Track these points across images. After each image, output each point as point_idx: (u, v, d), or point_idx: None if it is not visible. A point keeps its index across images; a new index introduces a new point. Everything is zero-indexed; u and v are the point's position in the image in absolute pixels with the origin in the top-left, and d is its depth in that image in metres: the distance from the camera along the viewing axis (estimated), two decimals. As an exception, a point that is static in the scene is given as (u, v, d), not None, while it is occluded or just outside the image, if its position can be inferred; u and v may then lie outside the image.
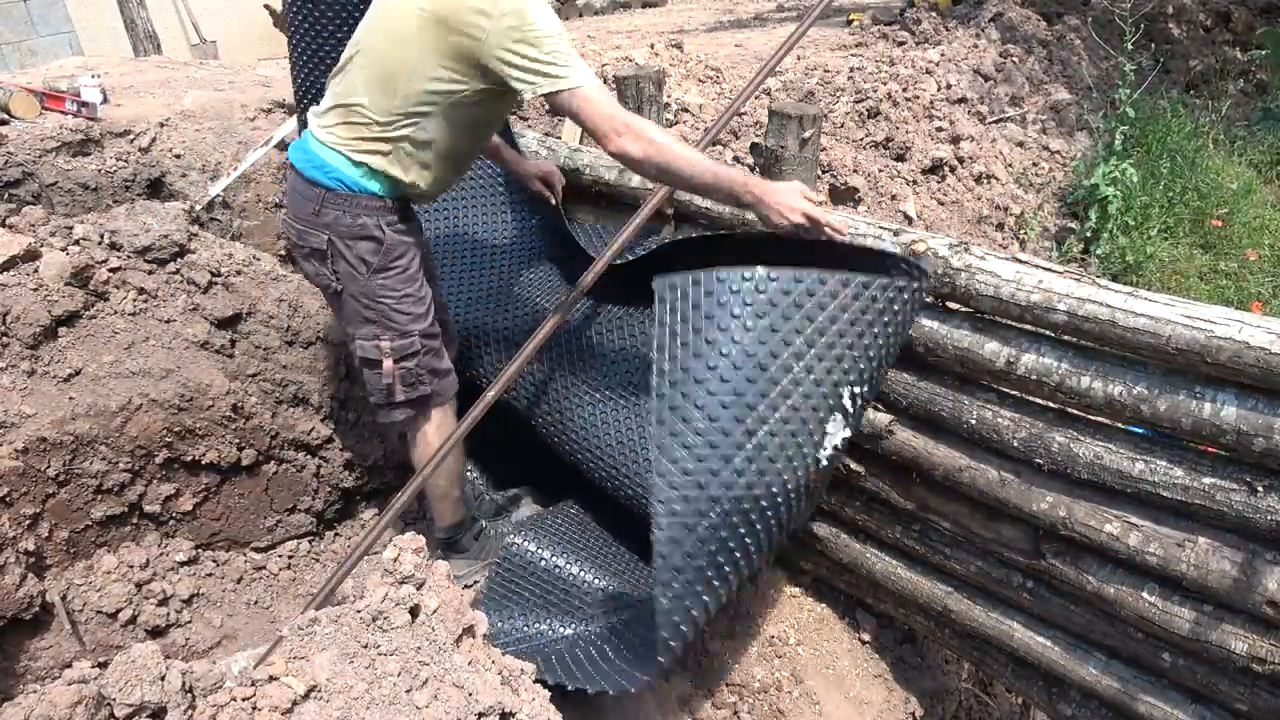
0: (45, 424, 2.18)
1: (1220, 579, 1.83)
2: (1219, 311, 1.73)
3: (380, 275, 2.15)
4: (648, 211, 2.52)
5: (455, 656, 1.35)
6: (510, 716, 1.31)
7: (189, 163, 3.25)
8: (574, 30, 8.39)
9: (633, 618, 2.25)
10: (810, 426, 1.74)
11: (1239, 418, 1.73)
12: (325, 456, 2.74)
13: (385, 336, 2.20)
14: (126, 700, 1.22)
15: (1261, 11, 6.77)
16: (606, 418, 2.51)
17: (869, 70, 5.29)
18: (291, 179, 2.16)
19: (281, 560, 2.67)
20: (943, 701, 2.90)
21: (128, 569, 2.33)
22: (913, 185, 4.47)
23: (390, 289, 2.17)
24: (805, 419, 1.73)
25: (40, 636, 2.12)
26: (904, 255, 2.10)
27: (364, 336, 2.21)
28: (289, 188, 2.18)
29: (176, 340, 2.45)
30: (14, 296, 2.21)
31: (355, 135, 2.04)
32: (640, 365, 2.55)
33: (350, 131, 2.04)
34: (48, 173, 2.94)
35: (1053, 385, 1.99)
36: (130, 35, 7.23)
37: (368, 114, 2.01)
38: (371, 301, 2.17)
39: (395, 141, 2.03)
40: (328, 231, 2.10)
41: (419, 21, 1.89)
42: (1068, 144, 5.43)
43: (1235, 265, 4.55)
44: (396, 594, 1.39)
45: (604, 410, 2.53)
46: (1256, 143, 5.53)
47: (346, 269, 2.14)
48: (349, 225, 2.10)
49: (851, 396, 1.80)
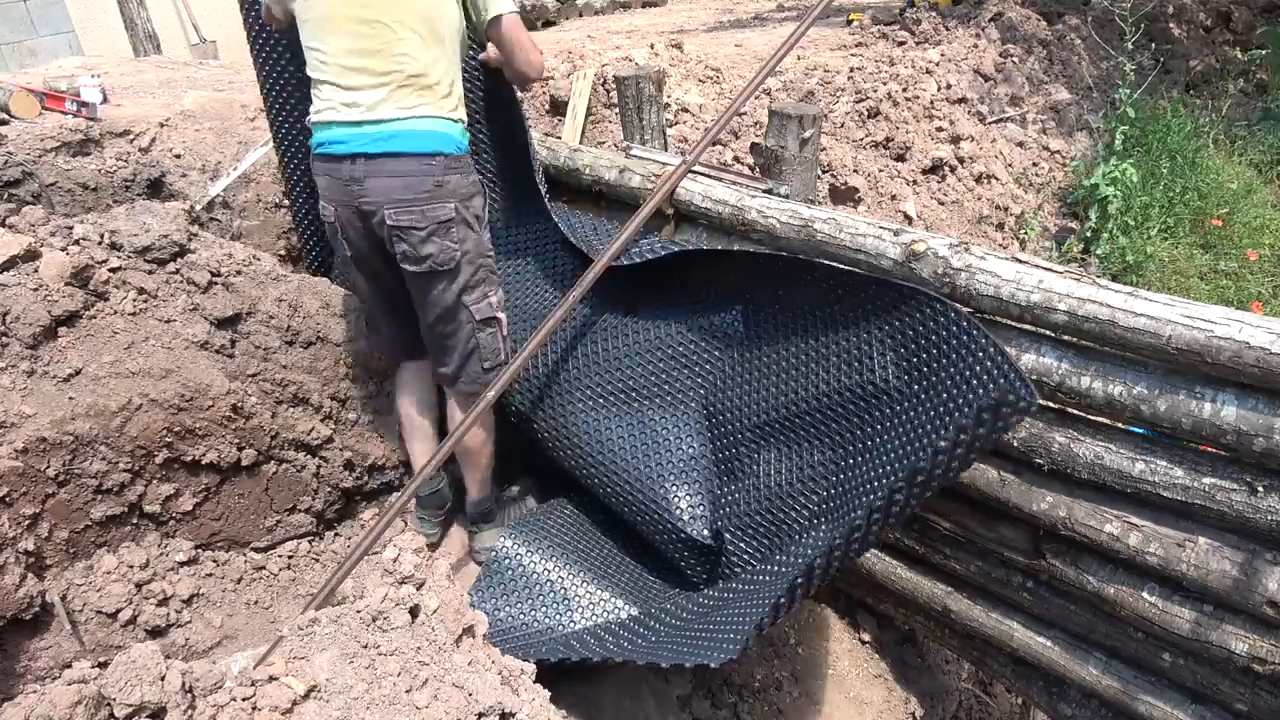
0: (45, 424, 2.18)
1: (1220, 579, 1.83)
2: (1219, 311, 1.73)
3: (486, 230, 2.33)
4: (647, 211, 2.52)
5: (455, 656, 1.35)
6: (510, 716, 1.31)
7: (189, 163, 3.25)
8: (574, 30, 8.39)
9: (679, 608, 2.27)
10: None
11: (1239, 418, 1.73)
12: (325, 456, 2.74)
13: (493, 292, 2.35)
14: (126, 700, 1.22)
15: (1261, 11, 6.77)
16: (608, 422, 2.50)
17: (869, 70, 5.29)
18: (376, 167, 2.13)
19: (281, 560, 2.67)
20: (943, 701, 2.90)
21: (128, 569, 2.33)
22: (913, 185, 4.47)
23: (489, 242, 2.35)
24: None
25: (40, 636, 2.12)
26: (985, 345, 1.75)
27: (477, 300, 2.31)
28: (369, 180, 2.14)
29: (176, 340, 2.45)
30: (14, 296, 2.21)
31: (436, 95, 2.15)
32: (642, 368, 2.54)
33: (428, 95, 2.14)
34: (48, 173, 2.94)
35: (1053, 385, 1.99)
36: (130, 35, 7.23)
37: (431, 68, 2.13)
38: (484, 258, 2.31)
39: (456, 88, 2.21)
40: (453, 199, 2.18)
41: None
42: (1068, 144, 5.43)
43: (1235, 265, 4.55)
44: (396, 594, 1.39)
45: (605, 415, 2.52)
46: (1256, 143, 5.53)
47: (465, 232, 2.24)
48: (469, 186, 2.24)
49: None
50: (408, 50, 2.10)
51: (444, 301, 2.29)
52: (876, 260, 2.29)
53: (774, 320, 2.31)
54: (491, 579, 2.47)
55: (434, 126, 2.14)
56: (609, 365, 2.57)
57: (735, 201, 2.58)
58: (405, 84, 2.11)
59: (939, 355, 1.82)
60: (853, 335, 2.06)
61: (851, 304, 2.09)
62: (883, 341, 1.98)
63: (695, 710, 2.41)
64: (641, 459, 2.40)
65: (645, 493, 2.36)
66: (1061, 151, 5.38)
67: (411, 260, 2.21)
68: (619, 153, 3.03)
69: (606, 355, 2.58)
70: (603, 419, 2.51)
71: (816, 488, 2.05)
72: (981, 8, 6.18)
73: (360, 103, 2.13)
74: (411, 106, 2.12)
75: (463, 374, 2.41)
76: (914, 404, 1.85)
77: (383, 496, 2.93)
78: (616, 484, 2.44)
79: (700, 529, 2.29)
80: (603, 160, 2.92)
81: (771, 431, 2.21)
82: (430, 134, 2.13)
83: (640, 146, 3.12)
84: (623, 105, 3.34)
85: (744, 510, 2.19)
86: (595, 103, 4.66)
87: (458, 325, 2.33)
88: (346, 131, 2.15)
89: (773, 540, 2.11)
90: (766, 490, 2.16)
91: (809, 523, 2.04)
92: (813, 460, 2.09)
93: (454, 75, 2.22)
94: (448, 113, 2.18)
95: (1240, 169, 5.29)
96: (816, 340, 2.16)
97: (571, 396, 2.57)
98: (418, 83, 2.12)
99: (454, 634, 1.38)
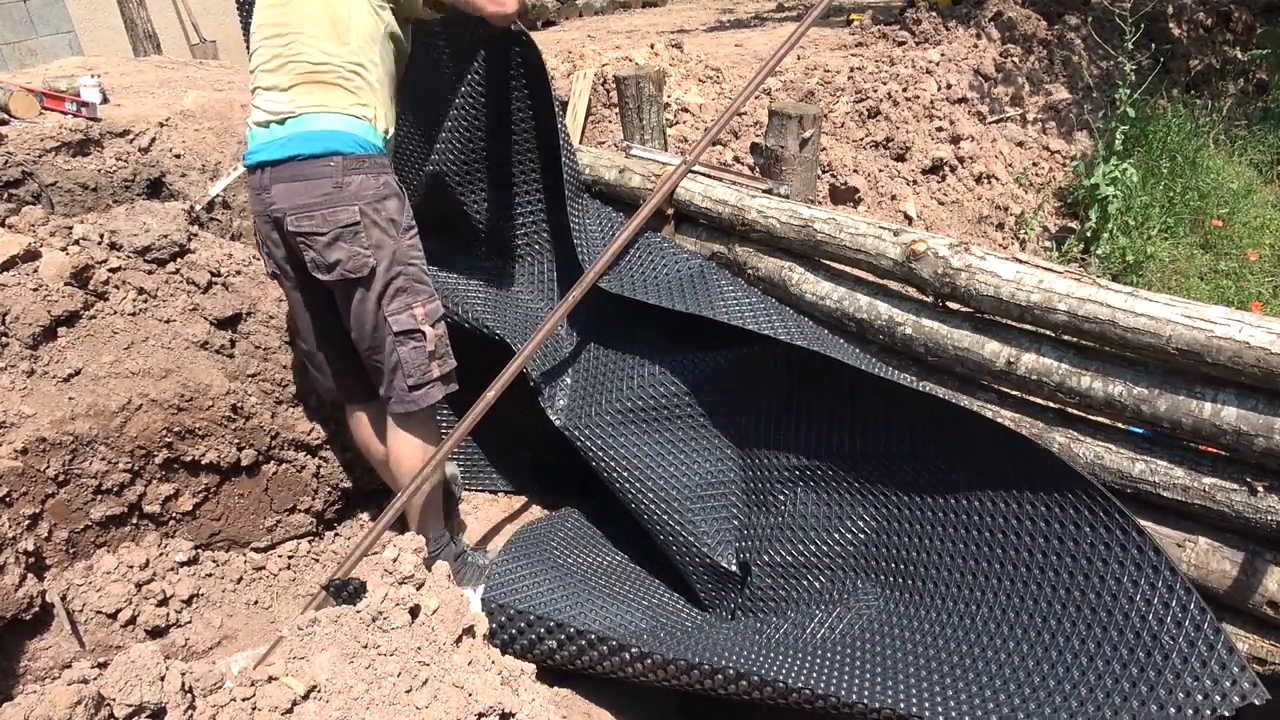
0: (45, 424, 2.18)
1: (1220, 579, 1.83)
2: (1219, 311, 1.73)
3: (407, 235, 2.15)
4: (647, 212, 2.52)
5: (455, 656, 1.34)
6: (510, 716, 1.31)
7: (189, 163, 3.25)
8: (574, 30, 8.39)
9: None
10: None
11: (1239, 418, 1.73)
12: (325, 456, 2.74)
13: (418, 302, 2.17)
14: (126, 700, 1.22)
15: (1262, 11, 6.76)
16: (642, 439, 2.42)
17: (869, 70, 5.29)
18: (279, 173, 2.05)
19: (281, 560, 2.67)
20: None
21: (127, 569, 2.33)
22: (913, 185, 4.47)
23: (415, 248, 2.18)
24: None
25: (40, 637, 2.12)
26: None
27: (397, 310, 2.14)
28: (274, 186, 2.07)
29: (176, 340, 2.45)
30: (14, 296, 2.21)
31: (338, 94, 2.04)
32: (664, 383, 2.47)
33: (329, 94, 2.04)
34: (48, 173, 2.94)
35: (1053, 385, 1.99)
36: (130, 35, 7.24)
37: (335, 68, 2.03)
38: (404, 266, 2.14)
39: (368, 87, 2.08)
40: (357, 201, 2.04)
41: None
42: (1068, 144, 5.43)
43: (1235, 265, 4.54)
44: (396, 594, 1.39)
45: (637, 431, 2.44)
46: (1257, 142, 5.52)
47: (379, 236, 2.09)
48: (376, 187, 2.08)
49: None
50: (304, 52, 2.04)
51: (364, 314, 2.14)
52: (876, 260, 2.29)
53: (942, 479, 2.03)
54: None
55: (330, 125, 2.03)
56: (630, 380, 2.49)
57: (735, 201, 2.58)
58: (299, 83, 2.04)
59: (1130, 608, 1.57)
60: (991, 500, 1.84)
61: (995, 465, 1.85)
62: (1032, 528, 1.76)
63: (695, 709, 2.40)
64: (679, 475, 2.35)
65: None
66: (1061, 151, 5.38)
67: (321, 269, 2.09)
68: (619, 153, 3.03)
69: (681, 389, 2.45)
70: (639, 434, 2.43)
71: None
72: (981, 8, 6.18)
73: (264, 107, 2.09)
74: (306, 106, 2.04)
75: (391, 393, 2.24)
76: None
77: (383, 497, 2.93)
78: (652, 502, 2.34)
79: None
80: (603, 160, 2.92)
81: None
82: (325, 134, 2.02)
83: (640, 146, 3.12)
84: (623, 105, 3.34)
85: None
86: (595, 102, 4.67)
87: (381, 339, 2.17)
88: (255, 141, 2.10)
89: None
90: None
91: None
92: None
93: (363, 74, 2.09)
94: (348, 109, 2.06)
95: (1240, 169, 5.28)
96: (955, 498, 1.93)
97: (622, 413, 2.45)
98: (314, 77, 2.04)
99: (454, 634, 1.38)
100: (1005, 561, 1.77)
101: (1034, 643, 1.64)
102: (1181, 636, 1.48)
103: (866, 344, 2.42)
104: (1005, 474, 1.82)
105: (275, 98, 2.07)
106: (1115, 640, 1.54)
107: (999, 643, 1.69)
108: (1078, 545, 1.66)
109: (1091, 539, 1.64)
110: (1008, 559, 1.77)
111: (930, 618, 1.85)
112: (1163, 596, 1.52)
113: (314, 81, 2.04)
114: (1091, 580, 1.62)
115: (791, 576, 2.21)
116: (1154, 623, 1.51)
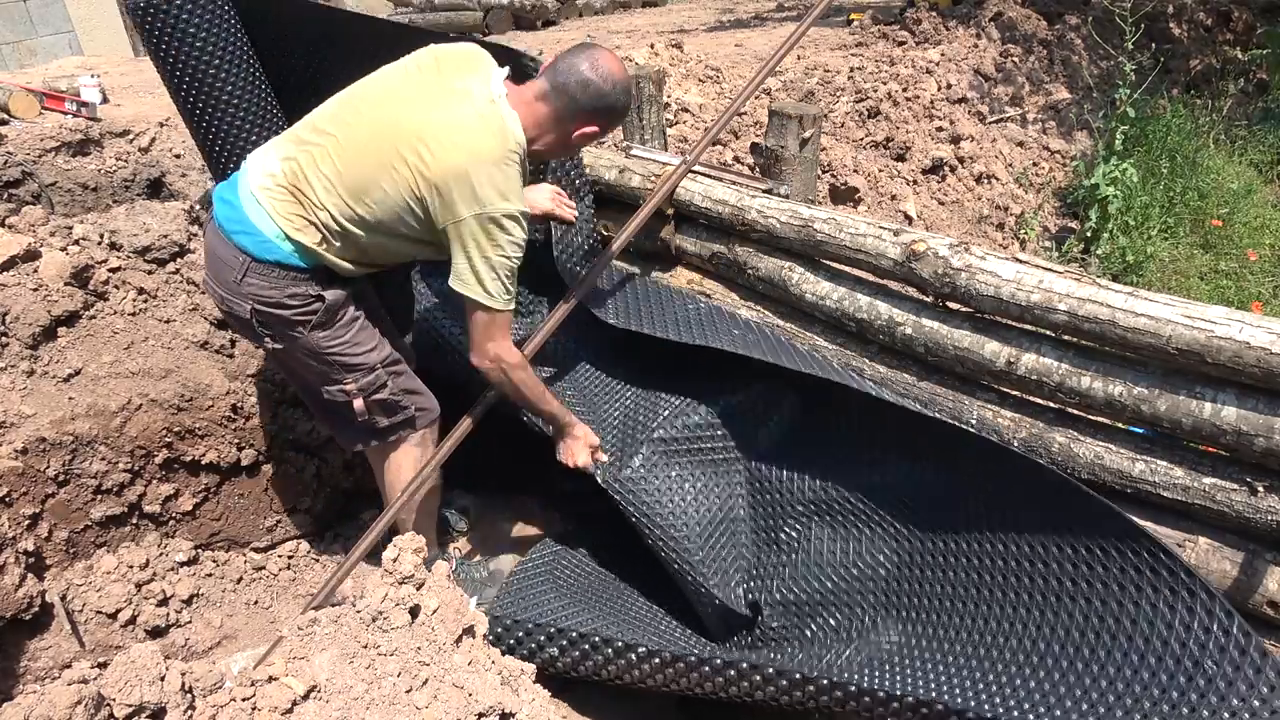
0: (45, 424, 2.18)
1: (1220, 579, 1.83)
2: (1219, 311, 1.73)
3: (321, 330, 1.98)
4: (647, 212, 2.52)
5: (455, 657, 1.34)
6: (510, 716, 1.31)
7: (189, 163, 3.25)
8: (574, 30, 8.39)
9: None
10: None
11: (1239, 418, 1.73)
12: (325, 457, 2.74)
13: (349, 380, 2.05)
14: (126, 700, 1.22)
15: (1262, 11, 6.76)
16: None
17: (869, 70, 5.29)
18: (211, 234, 1.93)
19: (281, 560, 2.67)
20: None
21: (127, 569, 2.33)
22: (913, 185, 4.47)
23: (335, 338, 2.01)
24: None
25: (40, 636, 2.12)
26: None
27: (326, 384, 2.06)
28: (208, 243, 1.96)
29: (176, 340, 2.45)
30: (14, 296, 2.21)
31: (296, 213, 1.87)
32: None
33: (292, 208, 1.87)
34: (48, 173, 2.94)
35: (1053, 385, 1.99)
36: (130, 35, 7.25)
37: (322, 205, 1.86)
38: (319, 356, 2.01)
39: (341, 235, 1.90)
40: (251, 301, 1.91)
41: (411, 172, 1.80)
42: (1068, 144, 5.43)
43: (1235, 265, 4.54)
44: (396, 594, 1.39)
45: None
46: (1257, 142, 5.52)
47: (281, 331, 1.96)
48: (274, 298, 1.92)
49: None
50: (327, 175, 1.85)
51: (291, 382, 2.10)
52: (876, 260, 2.29)
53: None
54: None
55: (262, 225, 1.86)
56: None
57: (735, 201, 2.58)
58: (293, 188, 1.87)
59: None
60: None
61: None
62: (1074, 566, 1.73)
63: (695, 709, 2.40)
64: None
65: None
66: (1061, 151, 5.38)
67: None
68: (619, 153, 3.03)
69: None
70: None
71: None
72: (982, 7, 6.18)
73: (263, 168, 1.92)
74: (271, 194, 1.88)
75: (347, 440, 2.23)
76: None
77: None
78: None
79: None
80: (602, 160, 2.92)
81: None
82: (253, 230, 1.86)
83: (640, 146, 3.12)
84: (623, 105, 3.34)
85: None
86: (595, 103, 4.64)
87: (319, 400, 2.13)
88: (231, 193, 1.94)
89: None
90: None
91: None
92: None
93: (352, 233, 1.89)
94: (292, 229, 1.87)
95: (1240, 169, 5.28)
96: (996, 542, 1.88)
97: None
98: (300, 193, 1.87)
99: (454, 634, 1.38)
100: (1044, 602, 1.74)
101: (1073, 685, 1.62)
102: (1226, 661, 1.46)
103: (866, 344, 2.42)
104: (1043, 511, 1.78)
105: (271, 162, 1.91)
106: (1155, 668, 1.53)
107: (1035, 681, 1.67)
108: (1122, 589, 1.63)
109: (1139, 584, 1.61)
110: (1048, 602, 1.74)
111: (957, 650, 1.83)
112: (1204, 623, 1.52)
113: (294, 192, 1.87)
114: (1140, 625, 1.60)
115: (805, 615, 2.17)
116: (1195, 649, 1.50)
